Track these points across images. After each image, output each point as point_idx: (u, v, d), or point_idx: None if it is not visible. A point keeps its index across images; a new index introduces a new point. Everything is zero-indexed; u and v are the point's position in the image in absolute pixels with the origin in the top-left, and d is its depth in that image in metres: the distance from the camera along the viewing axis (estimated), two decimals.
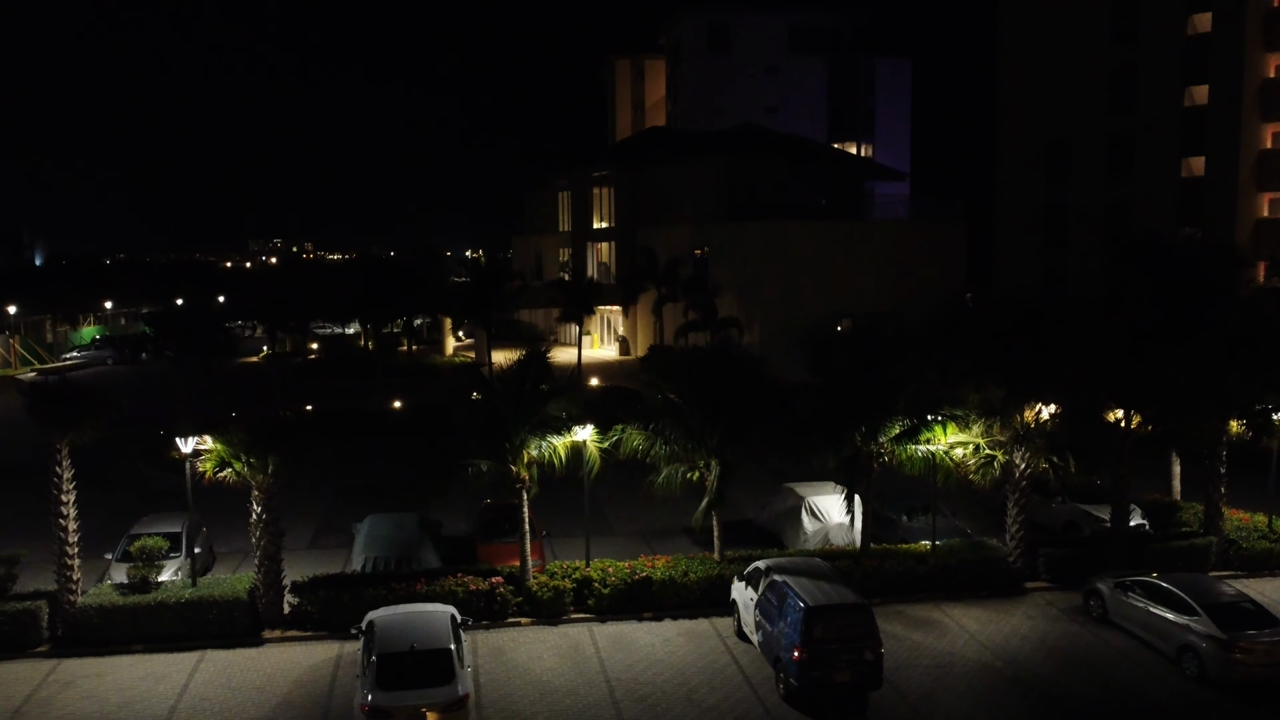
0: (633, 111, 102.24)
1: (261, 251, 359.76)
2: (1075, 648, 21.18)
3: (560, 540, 27.23)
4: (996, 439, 23.86)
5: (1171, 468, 28.78)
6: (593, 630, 21.86)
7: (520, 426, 21.82)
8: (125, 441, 32.23)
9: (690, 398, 22.90)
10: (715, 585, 22.74)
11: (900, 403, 23.07)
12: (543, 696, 18.83)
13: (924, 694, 19.05)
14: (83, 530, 27.74)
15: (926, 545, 24.81)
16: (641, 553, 26.96)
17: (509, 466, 22.08)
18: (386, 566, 22.93)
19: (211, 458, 20.73)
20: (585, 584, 22.60)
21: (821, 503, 26.20)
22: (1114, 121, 54.59)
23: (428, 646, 17.34)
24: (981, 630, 22.00)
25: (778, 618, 19.15)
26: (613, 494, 31.40)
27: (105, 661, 20.11)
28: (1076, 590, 23.84)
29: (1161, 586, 21.05)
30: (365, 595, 21.27)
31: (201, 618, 20.80)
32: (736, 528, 28.50)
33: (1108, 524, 26.33)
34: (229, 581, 21.67)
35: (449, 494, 27.00)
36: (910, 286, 54.42)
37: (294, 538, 28.30)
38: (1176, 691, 19.29)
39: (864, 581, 23.08)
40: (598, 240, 73.54)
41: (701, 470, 23.09)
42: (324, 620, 21.33)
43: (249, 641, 20.96)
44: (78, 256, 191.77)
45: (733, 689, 19.23)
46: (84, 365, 69.28)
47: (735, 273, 55.93)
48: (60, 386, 21.52)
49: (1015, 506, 24.40)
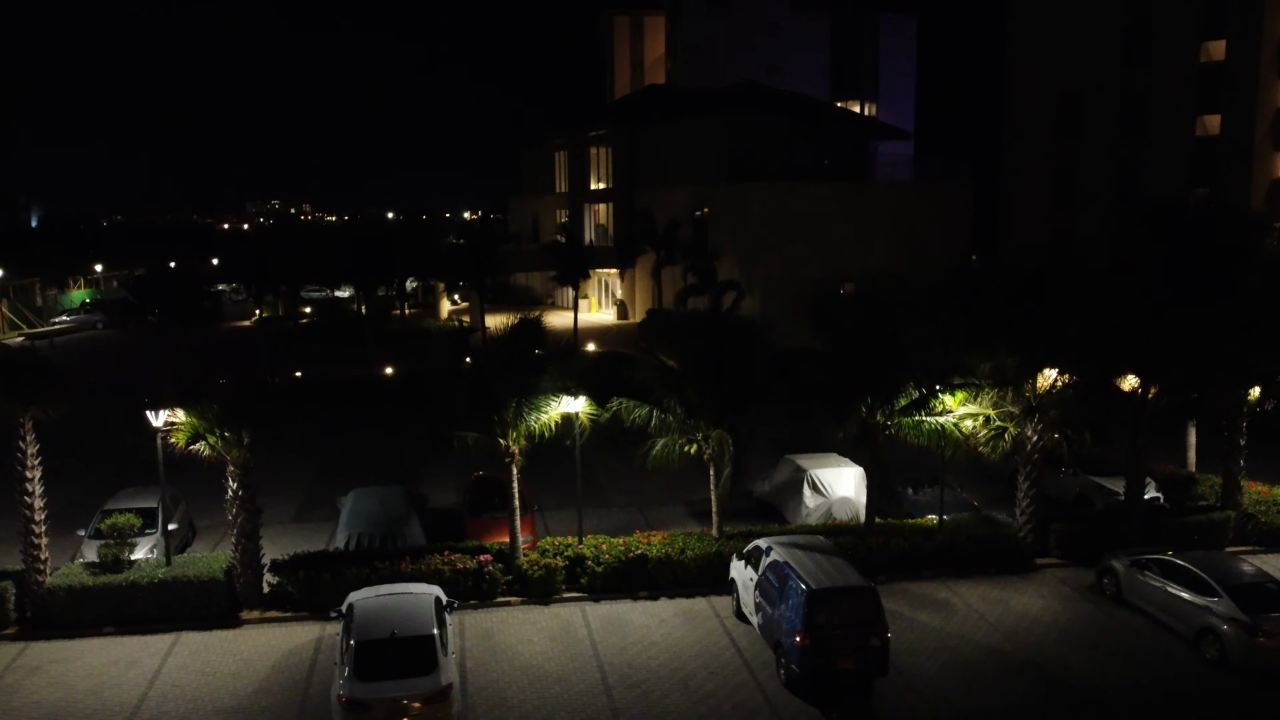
0: (631, 70, 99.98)
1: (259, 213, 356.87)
2: (1089, 629, 20.28)
3: (553, 513, 26.31)
4: (1008, 410, 22.82)
5: (1187, 439, 27.77)
6: (585, 611, 20.96)
7: (510, 398, 20.77)
8: (106, 410, 31.16)
9: (689, 367, 21.81)
10: (713, 563, 21.81)
11: (909, 372, 21.98)
12: (532, 683, 17.95)
13: (931, 680, 18.17)
14: (59, 504, 26.88)
15: (933, 520, 23.86)
16: (637, 525, 26.14)
17: (498, 440, 21.07)
18: (370, 543, 21.99)
19: (184, 431, 19.67)
20: (578, 562, 21.67)
21: (824, 475, 25.21)
22: (1128, 77, 52.87)
23: (409, 633, 16.40)
24: (991, 610, 21.10)
25: (779, 600, 18.22)
26: (608, 463, 30.46)
27: (74, 645, 19.21)
28: (1089, 567, 22.93)
29: (1180, 565, 20.09)
30: (347, 575, 20.35)
31: (176, 599, 19.88)
32: (733, 499, 27.55)
33: (1120, 497, 25.38)
34: (205, 560, 20.73)
35: (437, 465, 26.04)
36: (914, 249, 53.16)
37: (278, 511, 27.44)
38: (1196, 676, 18.41)
39: (868, 558, 22.16)
40: (595, 202, 72.03)
41: (700, 443, 22.05)
42: (304, 600, 20.43)
43: (226, 623, 20.06)
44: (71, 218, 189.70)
45: (731, 674, 18.35)
46: (73, 329, 68.19)
47: (736, 235, 54.59)
48: (23, 357, 20.40)
49: (1026, 480, 23.42)
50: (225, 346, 56.64)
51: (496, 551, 21.54)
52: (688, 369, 21.78)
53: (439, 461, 24.41)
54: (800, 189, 53.80)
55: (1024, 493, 23.57)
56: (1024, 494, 23.58)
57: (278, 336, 55.90)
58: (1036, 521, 23.54)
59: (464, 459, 21.68)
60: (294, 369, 44.65)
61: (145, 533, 22.09)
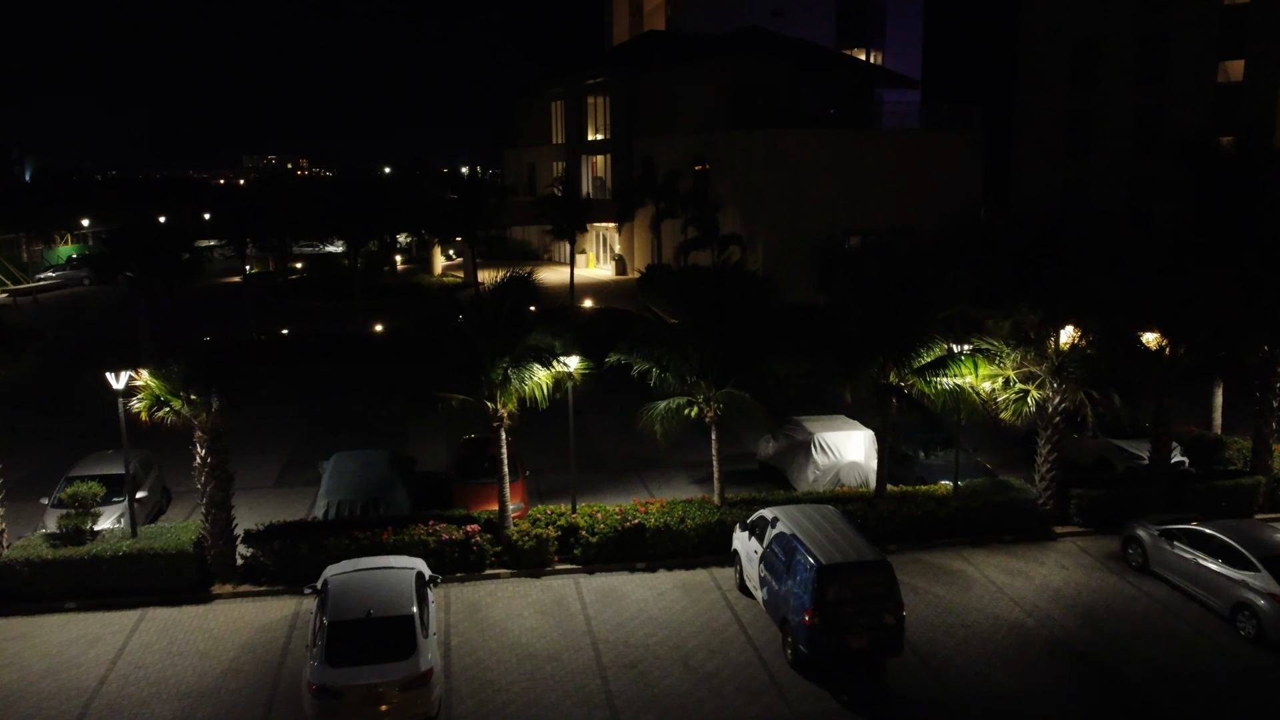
0: (631, 16, 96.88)
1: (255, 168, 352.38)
2: (1114, 602, 19.08)
3: (546, 477, 25.02)
4: (1029, 370, 21.42)
5: (1213, 398, 26.40)
6: (579, 583, 19.74)
7: (499, 358, 19.35)
8: (81, 367, 29.79)
9: (689, 322, 20.37)
10: (714, 532, 20.56)
11: (928, 330, 20.54)
12: (521, 663, 16.77)
13: (948, 659, 16.99)
14: (25, 469, 25.65)
15: (947, 485, 22.58)
16: (635, 489, 24.92)
17: (486, 403, 19.69)
18: (351, 512, 20.73)
19: (146, 395, 18.28)
20: (571, 532, 20.42)
21: (832, 439, 23.86)
22: (1147, 19, 50.55)
23: (386, 613, 15.16)
24: (1010, 582, 19.89)
25: (785, 575, 16.97)
26: (604, 422, 29.19)
27: (34, 622, 18.01)
28: (1111, 535, 21.73)
29: (1212, 536, 18.80)
30: (326, 546, 19.11)
31: (142, 572, 18.64)
32: (737, 461, 26.34)
33: (1143, 460, 24.11)
34: (174, 531, 19.46)
35: (428, 425, 24.68)
36: (923, 200, 51.35)
37: (259, 474, 26.23)
38: (1232, 654, 17.22)
39: (878, 526, 20.95)
40: (593, 153, 69.95)
41: (701, 406, 20.69)
42: (280, 573, 19.20)
43: (196, 598, 18.84)
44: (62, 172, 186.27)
45: (734, 653, 17.16)
46: (59, 285, 66.56)
47: (738, 186, 52.74)
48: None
49: (1047, 444, 22.10)
50: (211, 303, 55.16)
51: (485, 521, 20.27)
52: (688, 325, 20.35)
53: (429, 421, 23.00)
54: (804, 136, 51.83)
55: (1044, 457, 22.26)
56: (1044, 458, 22.28)
57: (266, 292, 54.33)
58: (1056, 487, 22.27)
59: (455, 418, 20.33)
60: (281, 326, 43.22)
61: (112, 501, 20.82)
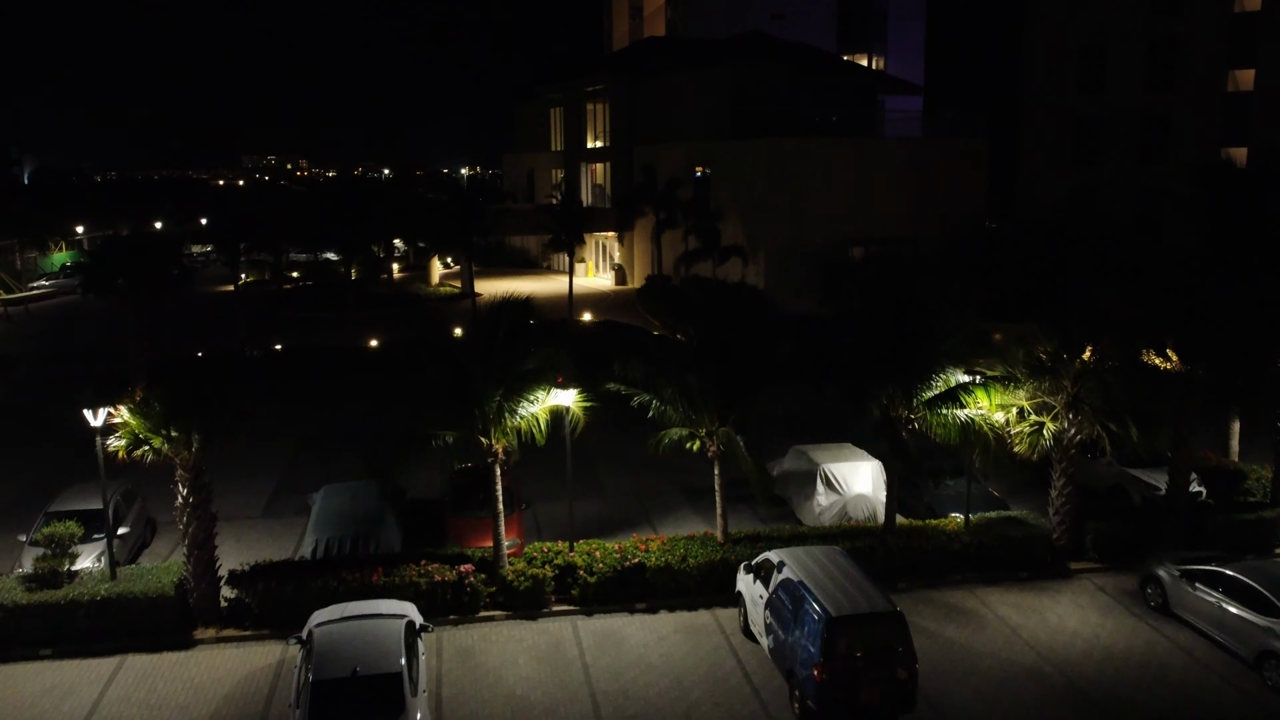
0: (630, 19, 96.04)
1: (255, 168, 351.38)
2: (1135, 646, 18.31)
3: (545, 505, 24.22)
4: (1044, 400, 20.64)
5: (1230, 425, 25.62)
6: (577, 626, 18.96)
7: (493, 389, 18.58)
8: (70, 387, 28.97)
9: (689, 357, 19.61)
10: (718, 570, 19.79)
11: (936, 359, 19.78)
12: (516, 716, 16.00)
13: (964, 711, 16.21)
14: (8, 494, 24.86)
15: (958, 518, 21.82)
16: (634, 516, 24.19)
17: (479, 437, 18.92)
18: (340, 550, 19.96)
19: (125, 433, 17.50)
20: (569, 571, 19.64)
21: (839, 470, 23.07)
22: (1156, 25, 49.83)
23: (373, 670, 14.41)
24: (1025, 623, 19.11)
25: (793, 624, 16.20)
26: (604, 446, 28.39)
27: (5, 671, 17.21)
28: (1128, 571, 20.96)
29: (1236, 579, 18.03)
30: (312, 587, 18.32)
31: (121, 617, 17.86)
32: (741, 485, 25.54)
33: (1159, 490, 23.36)
34: (155, 573, 18.66)
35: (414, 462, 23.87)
36: (928, 209, 50.62)
37: (246, 503, 25.45)
38: (1259, 705, 16.46)
39: (887, 563, 20.19)
40: (592, 160, 69.14)
41: (703, 439, 19.92)
42: (265, 617, 18.43)
43: (177, 643, 18.05)
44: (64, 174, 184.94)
45: (739, 704, 16.39)
46: (52, 294, 65.75)
47: (740, 195, 51.96)
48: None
49: (1062, 476, 21.32)
50: (203, 313, 54.34)
51: (479, 559, 19.49)
52: (688, 358, 19.58)
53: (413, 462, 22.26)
54: (807, 145, 51.09)
55: (1058, 490, 21.49)
56: (1059, 491, 21.50)
57: (259, 302, 53.55)
58: (1071, 521, 21.51)
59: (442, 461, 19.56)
60: (274, 337, 42.47)
61: (93, 538, 20.03)
